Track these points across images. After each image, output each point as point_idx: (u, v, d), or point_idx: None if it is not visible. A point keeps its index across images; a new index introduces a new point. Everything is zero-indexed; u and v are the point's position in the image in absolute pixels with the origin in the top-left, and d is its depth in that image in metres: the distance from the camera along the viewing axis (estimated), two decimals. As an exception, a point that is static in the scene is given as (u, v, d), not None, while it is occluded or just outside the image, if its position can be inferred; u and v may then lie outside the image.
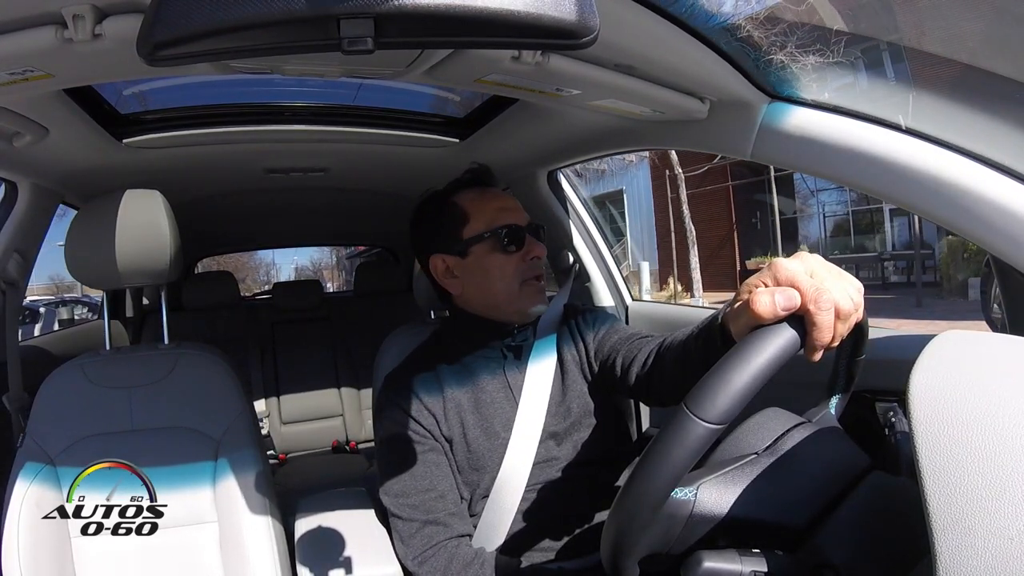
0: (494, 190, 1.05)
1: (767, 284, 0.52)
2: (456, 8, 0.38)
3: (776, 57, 0.78)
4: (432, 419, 0.97)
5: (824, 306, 0.48)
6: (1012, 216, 0.69)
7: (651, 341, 0.92)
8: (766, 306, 0.49)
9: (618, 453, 1.03)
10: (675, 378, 0.81)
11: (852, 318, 0.51)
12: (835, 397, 0.65)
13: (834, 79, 0.83)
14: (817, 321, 0.49)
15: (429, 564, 0.91)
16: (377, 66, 0.86)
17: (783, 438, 0.57)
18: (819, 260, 0.53)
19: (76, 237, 1.08)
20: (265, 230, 2.62)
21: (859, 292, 0.52)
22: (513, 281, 0.98)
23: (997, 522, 0.37)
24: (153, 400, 1.10)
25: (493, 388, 1.01)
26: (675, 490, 0.51)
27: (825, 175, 0.86)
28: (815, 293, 0.49)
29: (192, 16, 0.38)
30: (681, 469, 0.46)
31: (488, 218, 0.99)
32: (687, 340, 0.77)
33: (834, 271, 0.52)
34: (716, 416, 0.44)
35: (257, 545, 1.05)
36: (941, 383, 0.43)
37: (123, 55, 0.65)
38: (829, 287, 0.50)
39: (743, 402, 0.45)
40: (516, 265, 0.98)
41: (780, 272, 0.51)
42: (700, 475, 0.54)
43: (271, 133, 1.29)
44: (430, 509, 0.93)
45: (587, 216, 1.63)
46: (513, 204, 1.02)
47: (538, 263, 1.00)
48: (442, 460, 0.97)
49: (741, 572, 0.50)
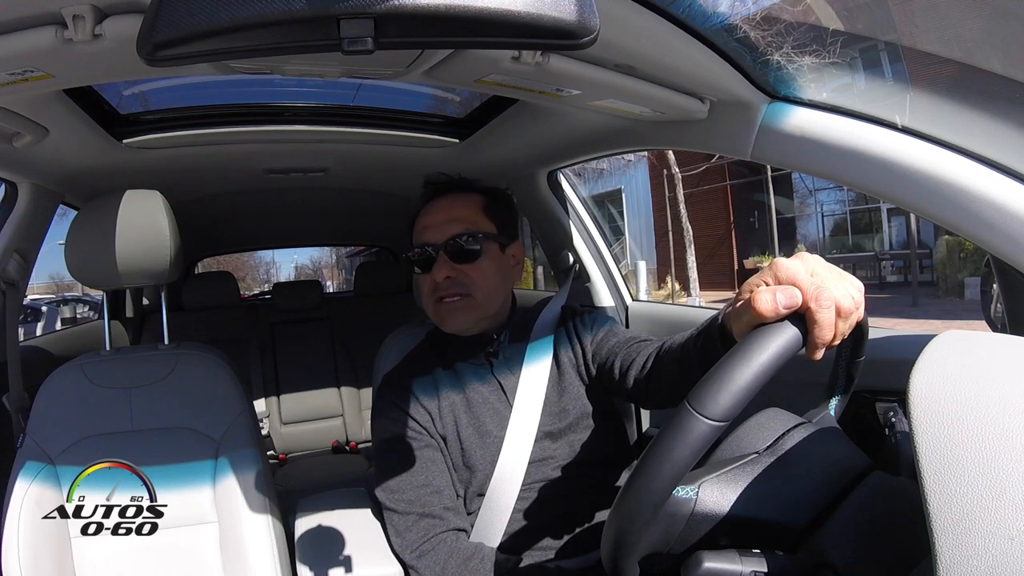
0: (435, 202, 1.04)
1: (768, 283, 0.52)
2: (456, 8, 0.38)
3: (774, 57, 0.78)
4: (427, 416, 0.99)
5: (825, 304, 0.49)
6: (1012, 216, 0.69)
7: (650, 344, 0.93)
8: (768, 304, 0.50)
9: (615, 454, 1.03)
10: (674, 380, 0.81)
11: (853, 316, 0.51)
12: (835, 398, 0.65)
13: (832, 79, 0.83)
14: (818, 319, 0.49)
15: (428, 558, 0.92)
16: (377, 66, 0.86)
17: (784, 438, 0.57)
18: (819, 260, 0.53)
19: (76, 237, 1.08)
20: (265, 230, 2.62)
21: (859, 291, 0.53)
22: (428, 299, 1.01)
23: (997, 522, 0.37)
24: (153, 400, 1.10)
25: (485, 390, 1.02)
26: (677, 488, 0.51)
27: (825, 175, 0.86)
28: (816, 291, 0.49)
29: (192, 16, 0.38)
30: (683, 466, 0.46)
31: (415, 235, 1.02)
32: (686, 342, 0.77)
33: (834, 270, 0.53)
34: (719, 413, 0.44)
35: (257, 545, 1.05)
36: (941, 383, 0.43)
37: (123, 55, 0.65)
38: (830, 286, 0.50)
39: (746, 399, 0.45)
40: (429, 285, 1.00)
41: (781, 271, 0.52)
42: (701, 474, 0.54)
43: (271, 133, 1.29)
44: (426, 503, 0.95)
45: (587, 216, 1.63)
46: (439, 218, 1.00)
47: (449, 283, 0.97)
48: (437, 457, 0.98)
49: (741, 572, 0.50)
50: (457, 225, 0.99)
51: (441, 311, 0.99)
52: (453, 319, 0.99)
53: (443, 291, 0.98)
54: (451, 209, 1.02)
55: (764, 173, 11.02)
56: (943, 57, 0.85)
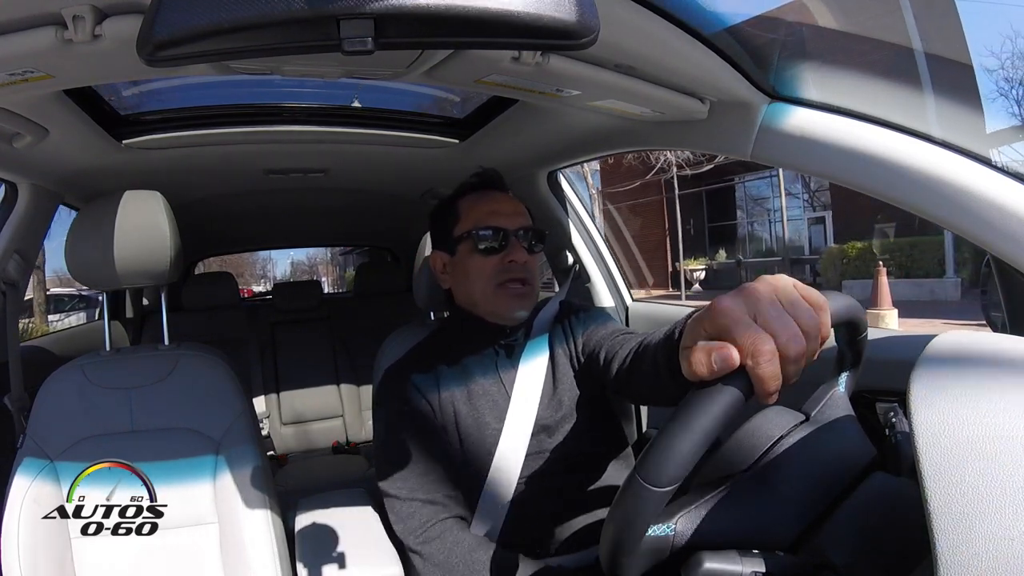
0: (494, 193, 1.06)
1: (705, 331, 0.47)
2: (456, 8, 0.38)
3: (774, 57, 0.78)
4: (428, 407, 1.01)
5: (763, 359, 0.43)
6: (1012, 216, 0.69)
7: (633, 338, 0.92)
8: (702, 367, 0.45)
9: (611, 449, 1.05)
10: (649, 379, 0.79)
11: (809, 350, 0.46)
12: (844, 374, 0.63)
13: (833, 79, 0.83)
14: (758, 374, 0.44)
15: (433, 544, 0.92)
16: (377, 67, 0.86)
17: (769, 452, 0.56)
18: (767, 290, 0.47)
19: (76, 238, 1.07)
20: (265, 231, 2.62)
21: (820, 311, 0.47)
22: (489, 283, 1.00)
23: (998, 523, 0.37)
24: (153, 401, 1.10)
25: (486, 382, 1.03)
26: (652, 528, 0.52)
27: (825, 175, 0.86)
28: (752, 345, 0.44)
29: (192, 17, 0.38)
30: (641, 529, 0.48)
31: (475, 219, 1.02)
32: (658, 343, 0.75)
33: (789, 299, 0.46)
34: (666, 480, 0.45)
35: (257, 546, 1.05)
36: (941, 383, 0.43)
37: (123, 55, 0.66)
38: (774, 329, 0.44)
39: (692, 462, 0.45)
40: (494, 267, 0.99)
41: (716, 320, 0.46)
42: (678, 508, 0.54)
43: (271, 134, 1.29)
44: (429, 490, 0.96)
45: (587, 216, 1.63)
46: (508, 208, 1.03)
47: (518, 267, 0.99)
48: (438, 447, 0.99)
49: (741, 572, 0.50)
50: (524, 218, 1.04)
51: (507, 295, 1.00)
52: (517, 304, 1.01)
53: (514, 274, 0.99)
54: (514, 203, 1.05)
55: (703, 185, 13.42)
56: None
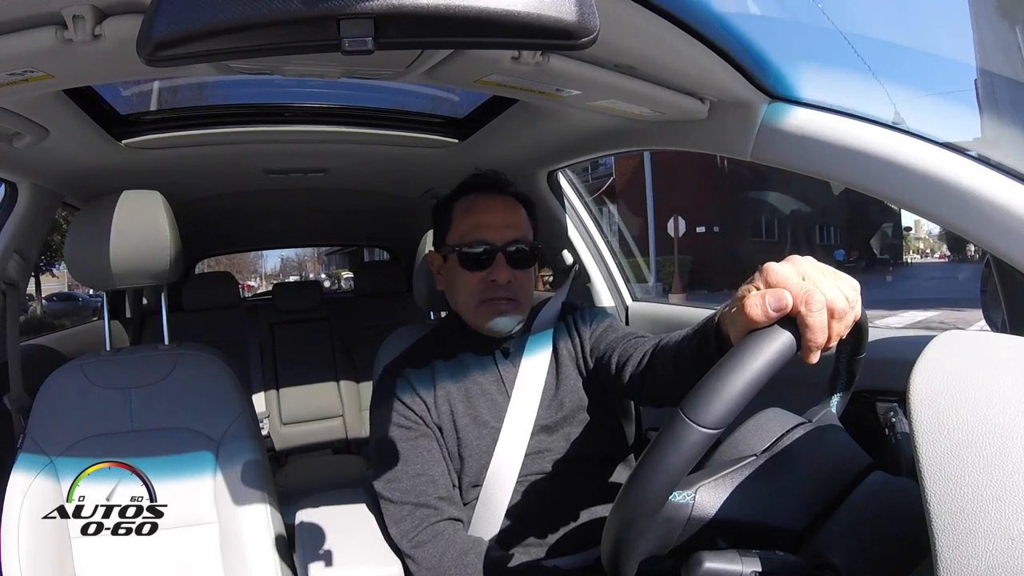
0: (489, 199, 1.03)
1: (759, 287, 0.52)
2: (456, 8, 0.38)
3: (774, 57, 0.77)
4: (423, 406, 1.00)
5: (815, 307, 0.48)
6: (1012, 216, 0.69)
7: (647, 341, 0.93)
8: (757, 308, 0.49)
9: (612, 451, 1.04)
10: (668, 379, 0.81)
11: (849, 316, 0.51)
12: (836, 396, 0.65)
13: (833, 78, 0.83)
14: (809, 322, 0.48)
15: (425, 549, 0.92)
16: (377, 67, 0.86)
17: (782, 439, 0.57)
18: (811, 262, 0.53)
19: (76, 238, 1.07)
20: (265, 230, 2.62)
21: (855, 290, 0.52)
22: (472, 298, 0.99)
23: (998, 522, 0.37)
24: (153, 401, 1.10)
25: (485, 381, 1.03)
26: (673, 494, 0.51)
27: (825, 175, 0.86)
28: (805, 294, 0.48)
29: (192, 16, 0.38)
30: (677, 474, 0.46)
31: (463, 230, 1.00)
32: (682, 342, 0.77)
33: (828, 271, 0.52)
34: (712, 421, 0.44)
35: (257, 546, 1.05)
36: (941, 383, 0.43)
37: (123, 55, 0.65)
38: (822, 287, 0.49)
39: (740, 406, 0.45)
40: (477, 284, 0.99)
41: (771, 275, 0.51)
42: (698, 478, 0.54)
43: (271, 134, 1.29)
44: (421, 493, 0.95)
45: (587, 216, 1.63)
46: (499, 220, 1.00)
47: (499, 287, 0.97)
48: (433, 447, 0.99)
49: (741, 572, 0.50)
50: (514, 231, 1.00)
51: (489, 311, 0.99)
52: (501, 321, 0.99)
53: (496, 293, 0.98)
54: (507, 213, 1.02)
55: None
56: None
